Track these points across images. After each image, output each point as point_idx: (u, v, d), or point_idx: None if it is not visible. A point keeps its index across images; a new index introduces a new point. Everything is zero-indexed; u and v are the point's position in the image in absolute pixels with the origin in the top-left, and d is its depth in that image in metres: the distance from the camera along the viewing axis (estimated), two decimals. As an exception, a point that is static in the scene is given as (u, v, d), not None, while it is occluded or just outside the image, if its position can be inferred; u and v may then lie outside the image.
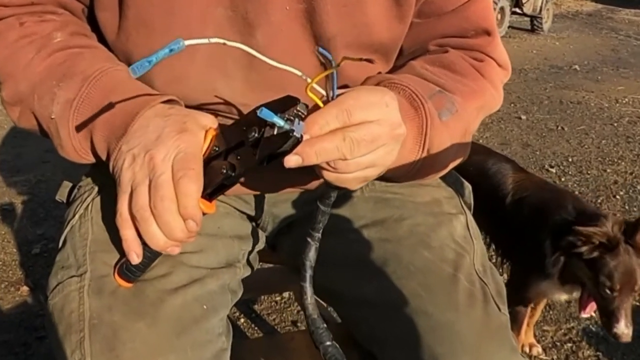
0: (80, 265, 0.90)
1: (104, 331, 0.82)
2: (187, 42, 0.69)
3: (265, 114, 0.70)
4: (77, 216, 0.98)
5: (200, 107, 0.92)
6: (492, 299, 0.96)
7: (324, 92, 0.76)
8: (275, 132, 0.72)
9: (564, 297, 2.13)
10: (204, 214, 0.77)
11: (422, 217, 1.02)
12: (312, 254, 0.84)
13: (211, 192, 0.78)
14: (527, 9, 9.86)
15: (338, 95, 0.75)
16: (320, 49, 0.74)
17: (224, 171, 0.76)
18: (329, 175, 0.77)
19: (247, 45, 0.83)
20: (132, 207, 0.76)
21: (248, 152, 0.75)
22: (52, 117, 0.86)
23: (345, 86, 0.93)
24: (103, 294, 0.86)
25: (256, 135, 0.74)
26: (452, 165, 0.99)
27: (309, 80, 0.73)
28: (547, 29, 10.23)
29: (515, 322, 2.12)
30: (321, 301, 1.83)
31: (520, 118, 5.32)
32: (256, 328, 2.44)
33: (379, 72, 0.99)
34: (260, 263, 1.15)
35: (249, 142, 0.75)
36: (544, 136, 4.89)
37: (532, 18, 10.13)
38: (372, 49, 0.96)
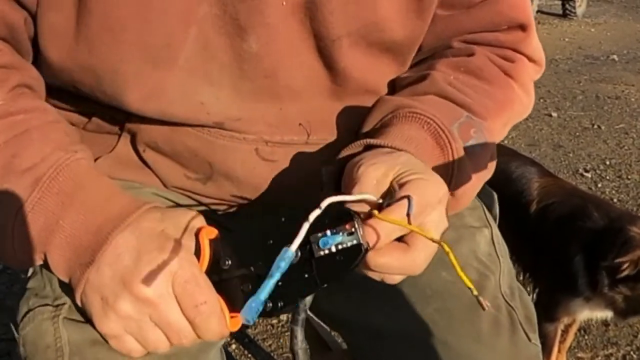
0: (57, 297, 0.87)
1: None
2: (294, 248, 0.68)
3: (329, 240, 0.69)
4: None
5: (188, 119, 0.89)
6: (520, 327, 0.95)
7: (374, 198, 0.74)
8: (334, 249, 0.70)
9: (598, 315, 2.13)
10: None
11: None
12: (308, 298, 0.83)
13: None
14: (558, -10, 9.88)
15: (389, 201, 0.74)
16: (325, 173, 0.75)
17: (269, 305, 0.73)
18: (375, 276, 0.77)
19: (237, 51, 0.83)
20: (149, 349, 0.75)
21: (298, 276, 0.72)
22: None
23: (349, 85, 0.92)
24: (82, 325, 0.82)
25: (299, 254, 0.71)
26: (476, 192, 0.99)
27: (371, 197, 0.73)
28: (581, 13, 10.23)
29: (545, 348, 2.11)
30: (324, 325, 1.83)
31: (550, 115, 5.32)
32: (250, 355, 2.44)
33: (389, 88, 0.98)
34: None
35: (292, 263, 0.71)
36: (577, 136, 4.89)
37: (564, 1, 10.14)
38: (385, 48, 0.93)
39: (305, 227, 0.67)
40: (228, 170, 0.93)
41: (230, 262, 0.75)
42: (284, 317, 2.59)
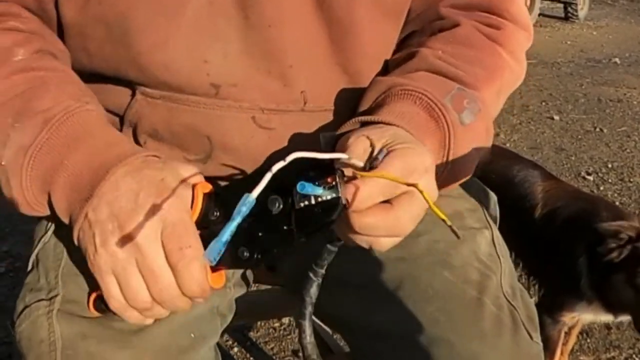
0: (51, 289, 0.89)
1: None
2: (254, 195, 0.68)
3: (308, 189, 0.70)
4: (50, 232, 0.97)
5: (188, 80, 0.91)
6: (522, 326, 0.95)
7: (360, 163, 0.75)
8: (313, 202, 0.71)
9: (602, 318, 2.13)
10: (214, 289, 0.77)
11: (441, 232, 1.01)
12: (313, 290, 0.85)
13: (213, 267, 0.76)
14: (560, -6, 9.88)
15: (374, 160, 0.75)
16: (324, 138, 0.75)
17: (246, 254, 0.75)
18: (362, 240, 0.77)
19: (241, 1, 0.86)
20: (128, 298, 0.75)
21: (276, 227, 0.73)
22: (2, 162, 0.81)
23: (348, 41, 0.94)
24: (74, 318, 0.85)
25: (281, 205, 0.73)
26: (475, 165, 0.99)
27: (351, 159, 0.74)
28: (583, 16, 10.24)
29: (547, 350, 2.11)
30: (326, 328, 1.83)
31: (552, 118, 5.32)
32: (251, 358, 2.44)
33: (386, 58, 1.00)
34: (257, 285, 1.15)
35: (272, 214, 0.73)
36: (579, 139, 4.89)
37: (566, 4, 10.15)
38: (381, 5, 0.95)
39: (268, 176, 0.68)
40: (226, 142, 0.93)
41: (218, 214, 0.77)
42: (285, 320, 2.59)
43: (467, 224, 1.04)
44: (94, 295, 0.83)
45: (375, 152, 0.76)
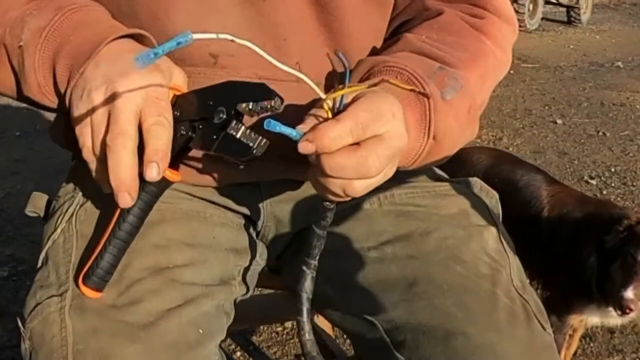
0: (61, 284, 0.91)
1: (90, 358, 0.83)
2: (196, 36, 0.71)
3: (273, 125, 0.72)
4: (59, 230, 0.98)
5: (189, 49, 0.92)
6: (535, 317, 0.97)
7: (323, 95, 0.78)
8: (239, 135, 0.78)
9: (609, 321, 2.14)
10: (170, 182, 0.84)
11: (450, 229, 1.04)
12: (308, 284, 0.86)
13: (171, 159, 0.83)
14: (563, -3, 9.88)
15: (346, 105, 0.78)
16: (340, 54, 0.77)
17: (183, 132, 0.82)
18: (334, 184, 0.78)
19: None
20: (95, 144, 0.82)
21: (210, 132, 0.81)
22: (20, 44, 0.88)
23: (342, 32, 0.98)
24: (86, 314, 0.86)
25: (224, 117, 0.79)
26: (461, 145, 1.01)
27: (322, 95, 0.76)
28: (586, 20, 10.24)
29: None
30: (330, 334, 1.83)
31: (555, 122, 5.32)
32: (254, 362, 2.44)
33: (373, 45, 1.03)
34: (260, 289, 1.15)
35: (214, 122, 0.80)
36: (582, 143, 4.89)
37: (569, 8, 10.15)
38: None
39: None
40: None
41: (178, 113, 0.83)
42: (288, 324, 2.59)
43: (473, 221, 1.06)
44: (82, 275, 0.86)
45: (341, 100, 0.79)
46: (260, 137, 0.79)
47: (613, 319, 2.09)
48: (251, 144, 0.78)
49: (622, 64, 7.57)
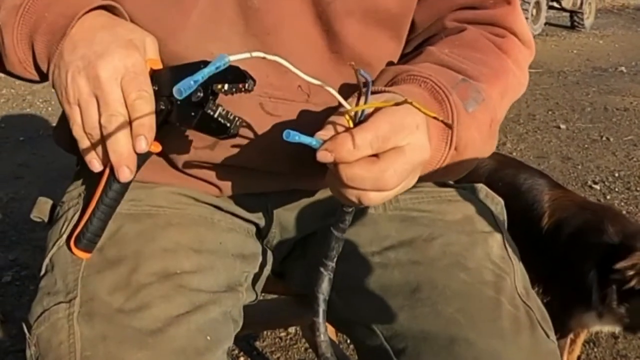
0: (69, 291, 0.91)
1: None
2: (232, 58, 0.73)
3: (293, 136, 0.73)
4: (64, 236, 0.98)
5: None
6: (538, 325, 0.97)
7: (348, 106, 0.77)
8: (215, 115, 0.84)
9: (609, 328, 2.13)
10: (152, 153, 0.88)
11: (454, 235, 1.04)
12: (325, 286, 0.86)
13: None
14: (567, 3, 9.89)
15: (367, 115, 0.77)
16: (362, 72, 0.77)
17: (162, 107, 0.86)
18: (351, 194, 0.78)
19: (242, 8, 0.92)
20: (86, 123, 0.84)
21: (188, 109, 0.85)
22: None
23: (345, 52, 0.97)
24: (94, 320, 0.87)
25: (201, 95, 0.83)
26: (479, 159, 1.00)
27: (347, 105, 0.76)
28: (589, 25, 10.24)
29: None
30: (334, 339, 1.82)
31: (559, 127, 5.31)
32: (257, 367, 2.44)
33: (390, 64, 1.01)
34: (263, 294, 1.15)
35: (191, 100, 0.84)
36: (586, 148, 4.89)
37: (572, 13, 10.15)
38: (379, 19, 0.98)
39: (244, 55, 0.74)
40: None
41: (157, 88, 0.86)
42: (292, 329, 2.59)
43: (478, 227, 1.06)
44: (73, 237, 0.90)
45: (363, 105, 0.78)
46: (236, 118, 0.85)
47: (612, 326, 2.08)
48: (228, 124, 0.84)
49: (626, 68, 7.56)
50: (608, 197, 3.97)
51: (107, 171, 0.87)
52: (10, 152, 4.38)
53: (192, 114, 0.84)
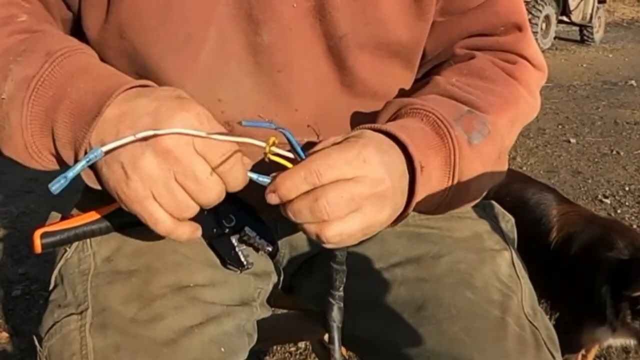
0: (80, 303, 0.91)
1: None
2: (105, 148, 0.70)
3: (256, 177, 0.78)
4: (72, 249, 0.98)
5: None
6: (544, 346, 0.96)
7: (287, 154, 0.78)
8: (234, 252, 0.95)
9: (621, 342, 2.13)
10: None
11: (462, 253, 1.03)
12: (335, 314, 0.88)
13: None
14: (576, 16, 9.89)
15: (309, 153, 0.78)
16: (244, 122, 0.77)
17: (215, 230, 0.94)
18: (308, 230, 0.78)
19: (251, 45, 0.89)
20: (178, 213, 0.76)
21: (217, 226, 0.94)
22: (2, 96, 0.78)
23: (358, 86, 0.97)
24: (108, 330, 0.86)
25: (232, 225, 0.94)
26: (487, 189, 1.00)
27: (265, 146, 0.77)
28: (599, 39, 10.24)
29: (566, 375, 2.10)
30: (343, 353, 1.82)
31: (569, 142, 5.31)
32: (267, 382, 2.43)
33: (399, 96, 1.01)
34: (273, 309, 1.15)
35: (223, 222, 0.94)
36: (596, 162, 4.88)
37: (582, 27, 10.16)
38: (391, 50, 0.98)
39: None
40: None
41: None
42: (301, 344, 2.58)
43: (487, 245, 1.05)
44: (38, 233, 0.86)
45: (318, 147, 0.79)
46: (249, 257, 0.96)
47: (625, 340, 2.08)
48: (242, 259, 0.95)
49: (636, 82, 7.55)
50: (619, 211, 3.96)
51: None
52: (20, 167, 4.37)
53: (214, 230, 0.93)
